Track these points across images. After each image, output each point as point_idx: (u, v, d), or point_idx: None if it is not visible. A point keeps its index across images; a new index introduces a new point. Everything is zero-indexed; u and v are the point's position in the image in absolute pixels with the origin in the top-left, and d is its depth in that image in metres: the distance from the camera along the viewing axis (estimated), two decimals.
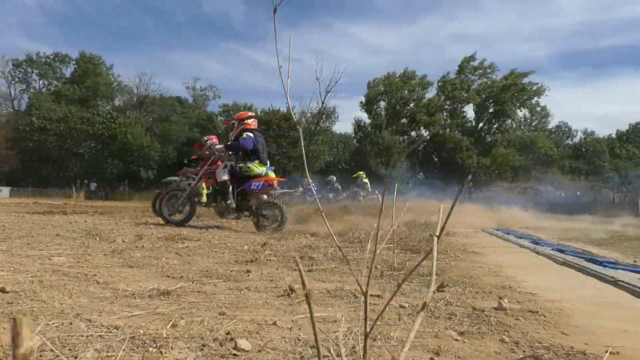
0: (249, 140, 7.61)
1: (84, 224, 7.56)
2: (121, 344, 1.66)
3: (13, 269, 3.10)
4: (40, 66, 49.21)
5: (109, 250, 4.42)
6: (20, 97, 49.57)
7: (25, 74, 49.31)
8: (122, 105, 50.99)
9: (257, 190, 7.60)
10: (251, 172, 7.68)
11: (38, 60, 49.05)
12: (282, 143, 45.33)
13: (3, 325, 1.85)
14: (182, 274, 3.41)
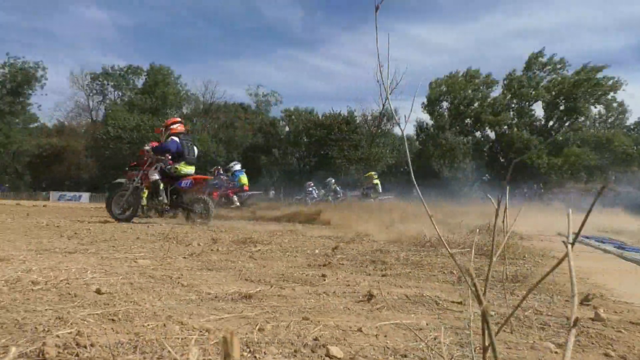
0: (172, 143, 8.31)
1: (160, 227, 7.88)
2: (216, 347, 1.69)
3: (104, 271, 3.26)
4: (114, 78, 52.29)
5: (187, 254, 4.57)
6: (98, 108, 52.91)
7: (102, 87, 52.60)
8: (190, 112, 53.04)
9: (187, 187, 8.31)
10: (179, 172, 8.39)
11: (113, 73, 52.17)
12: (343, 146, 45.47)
13: (104, 325, 1.93)
14: (259, 278, 3.46)
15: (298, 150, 49.19)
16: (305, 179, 43.54)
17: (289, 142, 49.14)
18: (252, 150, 48.53)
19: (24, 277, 2.77)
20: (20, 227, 6.74)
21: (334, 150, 45.25)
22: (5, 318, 1.95)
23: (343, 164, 44.86)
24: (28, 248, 4.30)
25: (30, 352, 1.54)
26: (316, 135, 46.58)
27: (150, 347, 1.64)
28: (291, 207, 14.30)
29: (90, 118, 52.08)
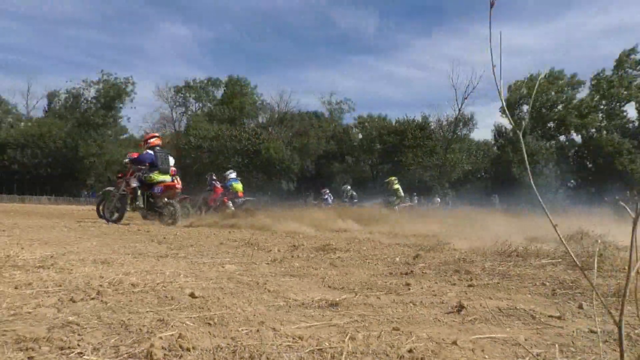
0: (147, 155, 9.48)
1: (240, 233, 8.12)
2: (311, 356, 1.68)
3: (195, 275, 3.39)
4: (196, 90, 55.01)
5: (270, 260, 4.66)
6: (180, 119, 55.83)
7: (184, 98, 55.52)
8: (265, 122, 54.55)
9: (159, 193, 9.40)
10: (153, 180, 9.44)
11: (194, 85, 54.90)
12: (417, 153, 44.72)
13: (201, 329, 2.00)
14: (342, 285, 3.44)
15: (371, 157, 49.01)
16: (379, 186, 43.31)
17: (362, 149, 49.10)
18: (325, 157, 48.98)
19: (124, 279, 2.94)
20: (115, 232, 7.20)
21: (408, 156, 44.61)
22: (112, 319, 2.07)
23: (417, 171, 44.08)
24: (125, 252, 4.57)
25: (139, 352, 1.61)
26: (389, 142, 46.18)
27: (248, 353, 1.67)
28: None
29: (173, 129, 55.05)
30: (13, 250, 4.00)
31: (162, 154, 9.66)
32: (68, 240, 5.55)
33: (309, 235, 8.04)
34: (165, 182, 9.49)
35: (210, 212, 14.40)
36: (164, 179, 9.51)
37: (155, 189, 9.41)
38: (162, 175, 9.50)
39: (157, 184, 9.42)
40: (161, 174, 9.50)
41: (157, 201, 9.33)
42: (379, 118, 53.29)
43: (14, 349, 1.62)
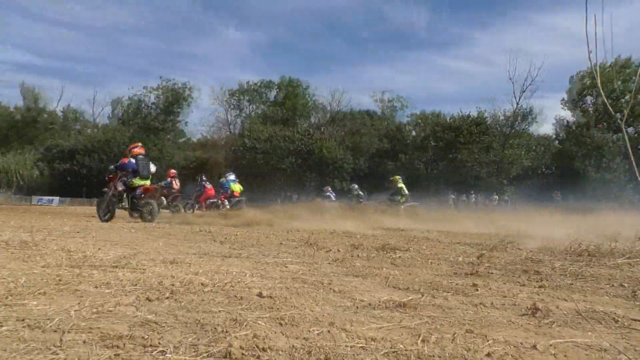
0: (129, 163, 10.84)
1: (298, 233, 8.19)
2: (386, 358, 1.66)
3: (260, 275, 3.44)
4: (249, 93, 56.09)
5: (331, 259, 4.66)
6: (235, 122, 57.06)
7: (238, 101, 56.72)
8: (318, 122, 54.82)
9: (140, 195, 10.72)
10: (134, 184, 10.80)
11: (248, 87, 56.01)
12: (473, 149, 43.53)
13: (274, 329, 2.02)
14: (407, 285, 3.39)
15: (425, 155, 48.13)
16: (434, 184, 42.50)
17: (416, 146, 48.35)
18: (379, 156, 48.57)
19: (194, 279, 3.02)
20: (179, 233, 7.44)
21: (464, 153, 43.48)
22: (188, 317, 2.13)
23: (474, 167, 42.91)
24: (191, 252, 4.71)
25: (217, 352, 1.64)
26: (444, 139, 45.20)
27: (323, 354, 1.66)
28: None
29: (228, 131, 56.40)
30: (89, 250, 4.21)
31: (143, 162, 11.06)
32: (136, 241, 5.78)
33: (368, 235, 7.99)
34: (144, 186, 10.93)
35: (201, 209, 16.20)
36: (144, 183, 10.95)
37: (137, 192, 10.82)
38: (142, 180, 10.92)
39: (138, 187, 10.83)
40: (141, 179, 10.93)
41: (138, 202, 10.76)
42: (433, 114, 52.28)
43: (101, 346, 1.69)
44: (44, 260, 3.56)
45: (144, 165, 11.02)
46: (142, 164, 10.99)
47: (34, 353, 1.61)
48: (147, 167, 11.08)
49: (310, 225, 10.13)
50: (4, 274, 2.89)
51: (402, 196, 16.84)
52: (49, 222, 8.48)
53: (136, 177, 10.85)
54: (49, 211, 19.49)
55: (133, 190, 10.82)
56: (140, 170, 10.89)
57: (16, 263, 3.40)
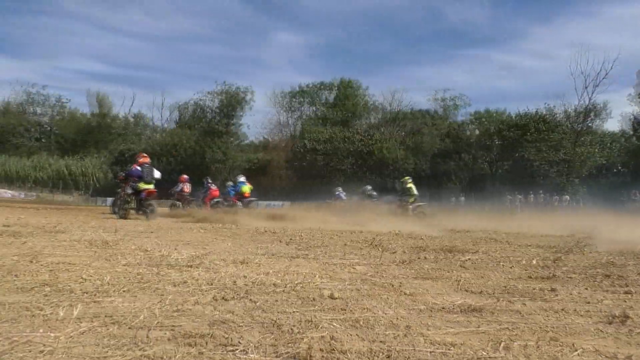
0: (134, 170, 12.67)
1: (361, 234, 8.15)
2: None
3: (329, 276, 3.45)
4: (309, 95, 56.54)
5: (398, 261, 4.60)
6: (295, 124, 57.66)
7: (298, 104, 57.29)
8: (377, 122, 54.38)
9: (143, 197, 12.39)
10: (139, 188, 12.39)
11: (307, 90, 56.47)
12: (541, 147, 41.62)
13: (349, 331, 2.00)
14: (480, 289, 3.28)
15: (489, 154, 46.55)
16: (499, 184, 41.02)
17: (479, 145, 46.87)
18: (440, 156, 47.51)
19: (266, 280, 3.07)
20: (245, 234, 7.62)
21: (531, 152, 41.65)
22: (264, 318, 2.16)
23: (542, 167, 41.04)
24: (259, 253, 4.80)
25: (297, 353, 1.65)
26: (509, 137, 43.48)
27: (403, 359, 1.63)
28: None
29: (289, 133, 57.11)
30: (165, 250, 4.39)
31: (147, 169, 12.82)
32: (206, 241, 5.97)
33: (433, 236, 7.83)
34: (148, 189, 12.60)
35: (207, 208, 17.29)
36: (148, 187, 12.62)
37: (142, 195, 12.48)
38: (146, 185, 12.60)
39: (143, 190, 12.50)
40: (146, 184, 12.60)
41: (143, 202, 12.48)
42: (497, 112, 50.48)
43: (185, 344, 1.74)
44: (125, 259, 3.75)
45: (148, 172, 12.83)
46: (146, 171, 12.81)
47: (124, 349, 1.68)
48: (150, 173, 12.89)
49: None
50: (90, 272, 3.07)
51: (411, 196, 17.06)
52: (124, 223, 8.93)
53: (141, 182, 12.59)
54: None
55: (139, 193, 12.58)
56: (145, 176, 12.67)
57: (100, 262, 3.60)
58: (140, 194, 12.51)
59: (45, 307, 2.19)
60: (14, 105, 59.93)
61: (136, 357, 1.58)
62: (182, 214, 15.06)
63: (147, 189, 12.55)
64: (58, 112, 61.43)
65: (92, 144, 56.49)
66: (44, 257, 3.71)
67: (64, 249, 4.30)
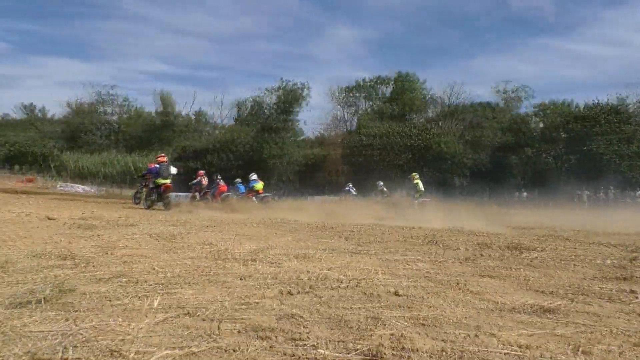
0: (153, 168, 14.87)
1: (420, 230, 8.02)
2: None
3: (391, 272, 3.41)
4: (365, 90, 56.22)
5: (461, 258, 4.49)
6: (351, 119, 57.52)
7: (354, 99, 57.10)
8: (435, 116, 53.25)
9: (162, 191, 14.34)
10: (159, 183, 14.37)
11: (363, 84, 56.16)
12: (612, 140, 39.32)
13: (416, 329, 1.97)
14: (550, 289, 3.14)
15: (554, 148, 44.46)
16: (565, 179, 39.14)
17: (544, 139, 44.87)
18: (502, 149, 45.90)
19: (328, 274, 3.08)
20: (303, 229, 7.69)
21: (600, 145, 39.43)
22: (329, 313, 2.17)
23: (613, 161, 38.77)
24: (319, 247, 4.82)
25: (366, 350, 1.64)
26: (576, 130, 41.36)
27: None
28: None
29: (345, 128, 57.06)
30: (227, 244, 4.51)
31: (165, 167, 14.75)
32: (266, 236, 6.07)
33: (496, 233, 7.59)
34: (165, 184, 14.53)
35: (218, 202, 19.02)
36: (165, 181, 14.55)
37: (160, 188, 14.44)
38: (164, 180, 14.51)
39: (161, 185, 14.45)
40: (163, 179, 14.50)
41: (161, 195, 14.50)
42: (563, 104, 48.01)
43: (255, 337, 1.78)
44: (191, 252, 3.88)
45: (165, 169, 14.82)
46: (163, 168, 14.79)
47: (197, 339, 1.74)
48: (167, 170, 14.88)
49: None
50: (161, 264, 3.19)
51: (417, 192, 18.18)
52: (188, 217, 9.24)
53: (159, 178, 14.58)
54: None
55: (158, 188, 14.60)
56: (162, 173, 14.63)
57: (169, 254, 3.74)
58: (159, 188, 14.60)
59: (122, 297, 2.31)
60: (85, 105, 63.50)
61: (210, 349, 1.62)
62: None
63: (164, 183, 14.58)
64: (125, 111, 64.57)
65: (156, 141, 58.86)
66: (118, 249, 3.90)
67: (135, 242, 4.51)
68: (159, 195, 14.65)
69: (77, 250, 3.64)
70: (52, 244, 4.08)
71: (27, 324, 1.80)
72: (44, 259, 3.22)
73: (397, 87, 53.64)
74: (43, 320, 1.89)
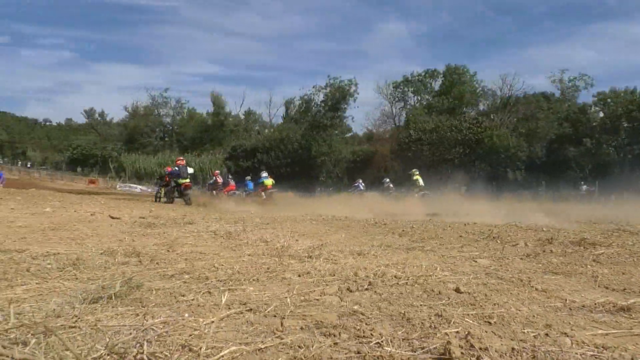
0: (173, 171, 17.32)
1: (475, 226, 7.82)
2: None
3: (450, 269, 3.34)
4: (414, 84, 55.42)
5: (522, 254, 4.34)
6: (400, 114, 56.90)
7: (403, 93, 56.43)
8: (487, 109, 51.81)
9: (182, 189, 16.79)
10: (178, 182, 16.82)
11: (412, 79, 55.36)
12: None
13: (483, 327, 1.92)
14: (622, 286, 2.98)
15: (616, 138, 42.26)
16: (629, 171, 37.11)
17: (604, 129, 42.74)
18: (558, 141, 44.09)
19: (386, 271, 3.05)
20: (356, 225, 7.67)
21: None
22: (391, 310, 2.14)
23: None
24: (372, 244, 4.80)
25: (433, 348, 1.61)
26: None
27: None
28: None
29: (394, 124, 56.52)
30: (283, 241, 4.55)
31: (183, 169, 17.29)
32: (320, 233, 6.10)
33: (557, 228, 7.29)
34: (185, 183, 17.00)
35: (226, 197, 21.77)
36: (184, 181, 17.02)
37: (181, 187, 16.96)
38: (183, 180, 17.01)
39: (181, 184, 16.96)
40: (183, 179, 17.00)
41: (182, 193, 16.92)
42: (626, 92, 45.47)
43: (319, 334, 1.78)
44: (249, 249, 3.94)
45: (183, 171, 17.29)
46: (182, 170, 17.29)
47: (262, 335, 1.76)
48: (185, 171, 17.35)
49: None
50: (221, 261, 3.27)
51: (417, 187, 20.23)
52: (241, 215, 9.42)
53: (179, 178, 17.11)
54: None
55: (179, 186, 17.13)
56: (182, 174, 17.16)
57: (227, 252, 3.82)
58: (180, 187, 17.18)
59: (187, 293, 2.37)
60: (141, 108, 66.15)
61: (275, 345, 1.64)
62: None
63: (184, 182, 17.15)
64: (178, 113, 66.71)
65: (208, 141, 60.51)
66: (179, 246, 4.03)
67: (194, 239, 4.64)
68: (180, 192, 17.15)
69: (140, 247, 3.78)
70: (117, 242, 4.25)
71: (101, 319, 1.88)
72: (111, 256, 3.36)
73: (447, 80, 52.59)
74: (115, 315, 1.96)
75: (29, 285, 2.49)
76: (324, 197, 21.91)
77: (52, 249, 3.66)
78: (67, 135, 78.88)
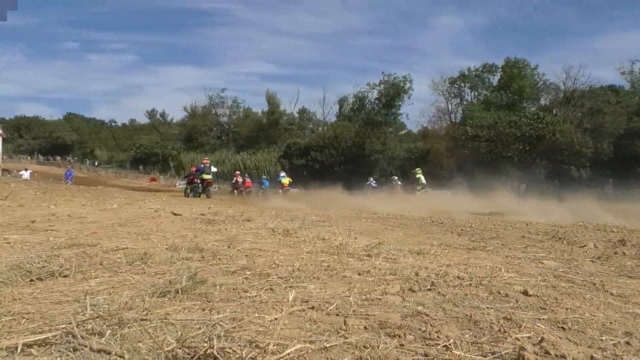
0: (199, 168, 20.53)
1: (538, 225, 7.52)
2: None
3: (515, 270, 3.22)
4: (470, 79, 53.88)
5: (593, 256, 4.13)
6: (456, 110, 55.52)
7: (459, 89, 55.01)
8: (549, 103, 49.67)
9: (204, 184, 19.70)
10: (202, 177, 19.73)
11: (469, 74, 53.84)
12: None
13: (556, 333, 1.82)
14: None
15: None
16: None
17: None
18: (628, 137, 41.56)
19: (448, 271, 2.97)
20: (412, 224, 7.56)
21: None
22: (457, 312, 2.08)
23: None
24: (431, 243, 4.70)
25: (505, 354, 1.55)
26: None
27: None
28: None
29: (449, 120, 55.19)
30: (341, 238, 4.55)
31: (207, 167, 20.17)
32: (377, 231, 6.05)
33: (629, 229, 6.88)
34: (207, 180, 19.73)
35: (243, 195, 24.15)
36: (207, 177, 19.73)
37: (204, 182, 19.60)
38: (206, 176, 19.71)
39: (204, 180, 19.60)
40: (206, 175, 19.69)
41: (204, 187, 19.59)
42: None
43: (383, 334, 1.75)
44: (307, 247, 3.96)
45: (207, 168, 20.10)
46: (207, 167, 20.09)
47: (325, 334, 1.75)
48: (209, 169, 20.22)
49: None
50: (280, 258, 3.30)
51: (419, 185, 21.43)
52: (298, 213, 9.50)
53: (203, 174, 19.74)
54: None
55: (202, 182, 19.69)
56: (206, 171, 19.86)
57: (286, 249, 3.86)
58: (203, 182, 19.73)
59: (250, 289, 2.40)
60: (199, 108, 68.23)
61: (340, 344, 1.62)
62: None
63: (207, 179, 19.85)
64: (234, 112, 68.26)
65: (263, 140, 61.53)
66: (239, 243, 4.10)
67: (253, 236, 4.71)
68: (203, 188, 19.84)
69: (202, 243, 3.88)
70: (180, 237, 4.39)
71: (170, 313, 1.93)
72: (175, 251, 3.47)
73: (506, 75, 50.79)
74: (182, 309, 2.02)
75: (102, 278, 2.61)
76: (370, 195, 22.01)
77: (121, 243, 3.83)
78: (131, 135, 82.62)
